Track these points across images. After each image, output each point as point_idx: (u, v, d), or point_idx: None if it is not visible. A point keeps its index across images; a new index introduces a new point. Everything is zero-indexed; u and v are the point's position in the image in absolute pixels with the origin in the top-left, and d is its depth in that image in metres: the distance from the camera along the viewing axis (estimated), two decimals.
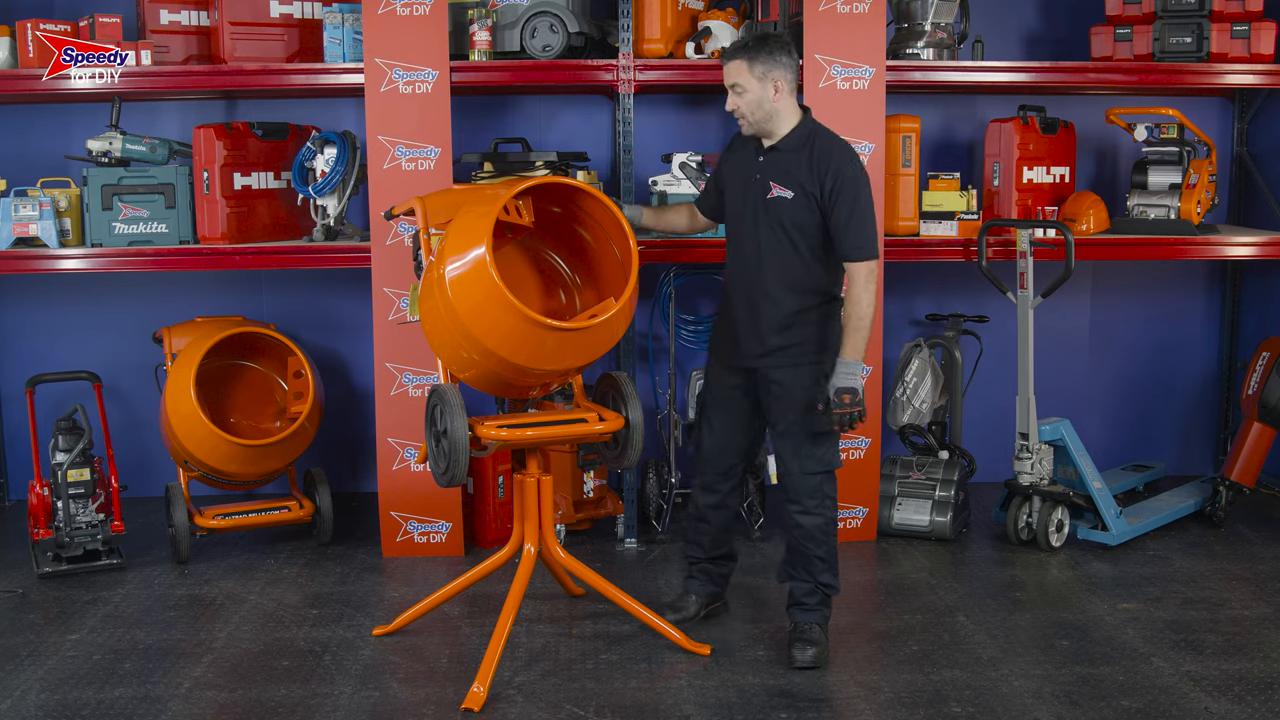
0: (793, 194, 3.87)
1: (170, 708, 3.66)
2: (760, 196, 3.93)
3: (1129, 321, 6.06)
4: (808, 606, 4.02)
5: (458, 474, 3.73)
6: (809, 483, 3.96)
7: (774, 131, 3.91)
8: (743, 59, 3.86)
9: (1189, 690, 3.73)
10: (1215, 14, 5.12)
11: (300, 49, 5.18)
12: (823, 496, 3.98)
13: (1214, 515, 5.36)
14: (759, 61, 3.84)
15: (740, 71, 3.86)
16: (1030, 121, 5.31)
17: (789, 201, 3.87)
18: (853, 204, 3.80)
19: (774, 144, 3.93)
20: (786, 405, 3.96)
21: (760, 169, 3.95)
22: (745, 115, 3.89)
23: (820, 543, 3.98)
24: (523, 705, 3.67)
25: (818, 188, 3.83)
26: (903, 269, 5.56)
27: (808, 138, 3.89)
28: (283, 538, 5.28)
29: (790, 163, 3.89)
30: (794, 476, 3.98)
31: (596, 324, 3.73)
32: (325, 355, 5.77)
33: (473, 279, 3.64)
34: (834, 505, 4.01)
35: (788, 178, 3.88)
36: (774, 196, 3.90)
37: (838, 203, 3.81)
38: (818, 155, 3.85)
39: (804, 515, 3.98)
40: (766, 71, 3.84)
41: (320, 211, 5.08)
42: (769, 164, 3.93)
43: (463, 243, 3.69)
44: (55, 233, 4.97)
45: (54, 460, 4.84)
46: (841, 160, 3.83)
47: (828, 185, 3.81)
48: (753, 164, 3.98)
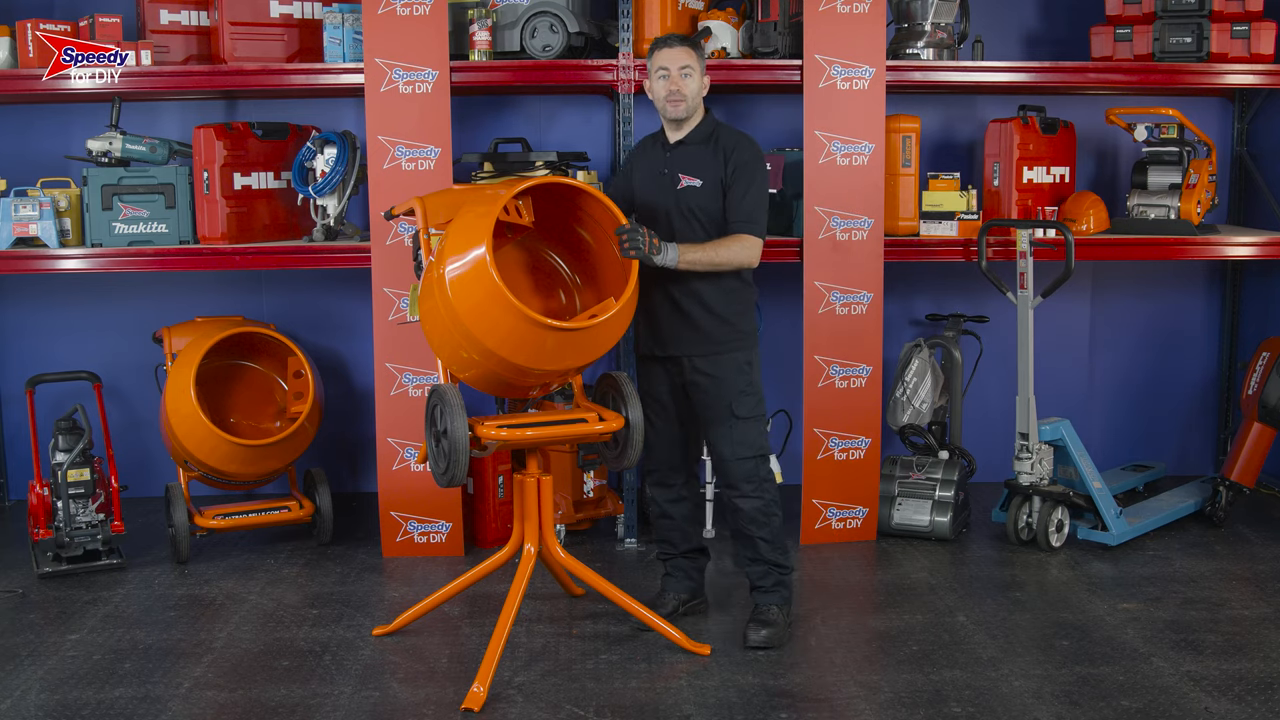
0: (701, 182, 4.07)
1: (170, 708, 3.66)
2: (670, 188, 4.10)
3: (1129, 321, 6.07)
4: (764, 588, 4.16)
5: (457, 474, 3.73)
6: (743, 468, 4.11)
7: (690, 122, 4.13)
8: (691, 48, 4.10)
9: (1189, 690, 3.73)
10: (1215, 14, 5.12)
11: (300, 49, 5.18)
12: (759, 480, 4.13)
13: (1214, 515, 5.36)
14: (701, 56, 4.13)
15: (691, 57, 4.08)
16: (1030, 121, 5.31)
17: (698, 190, 4.07)
18: (749, 184, 4.04)
19: (681, 138, 4.14)
20: (713, 393, 4.12)
21: (668, 163, 4.13)
22: (687, 98, 4.07)
23: (762, 525, 4.12)
24: (523, 705, 3.67)
25: (723, 170, 4.06)
26: (903, 269, 5.56)
27: (713, 132, 4.13)
28: (283, 538, 5.28)
29: (697, 154, 4.10)
30: (728, 463, 4.13)
31: (596, 324, 3.73)
32: (325, 355, 5.77)
33: (472, 279, 3.64)
34: (773, 487, 4.17)
35: (695, 167, 4.08)
36: (684, 187, 4.09)
37: (737, 182, 4.04)
38: (723, 144, 4.09)
39: (743, 499, 4.12)
40: (704, 66, 4.14)
41: (320, 211, 5.08)
42: (676, 158, 4.13)
43: (463, 243, 3.69)
44: (55, 233, 4.97)
45: (54, 460, 4.84)
46: (745, 148, 4.09)
47: (730, 166, 4.05)
48: (660, 160, 4.16)
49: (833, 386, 5.08)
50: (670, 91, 4.06)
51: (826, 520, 5.15)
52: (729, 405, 4.10)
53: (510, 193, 3.75)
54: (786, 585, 4.17)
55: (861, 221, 5.01)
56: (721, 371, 4.11)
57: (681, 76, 4.04)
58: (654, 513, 4.38)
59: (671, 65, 4.05)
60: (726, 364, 4.11)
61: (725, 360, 4.11)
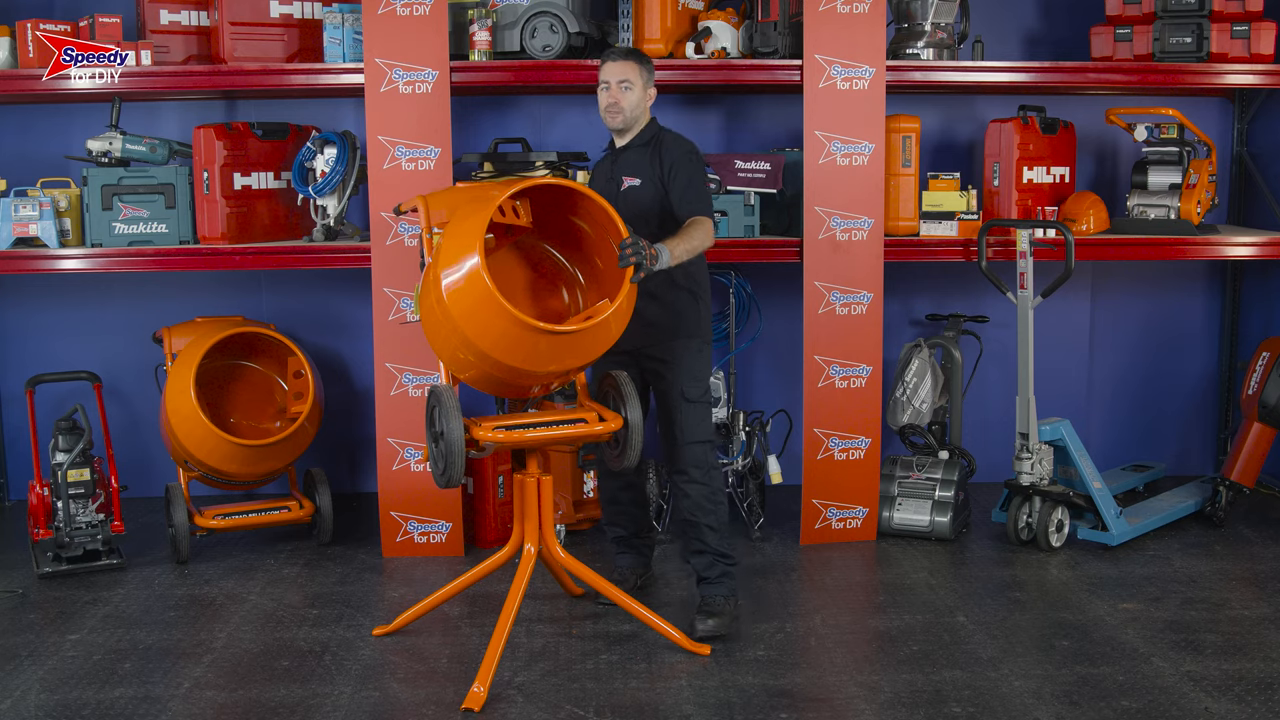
0: (640, 180, 4.25)
1: (170, 708, 3.66)
2: (616, 191, 4.29)
3: (1129, 321, 6.06)
4: (710, 580, 4.25)
5: (455, 475, 3.72)
6: (694, 452, 4.23)
7: (633, 129, 4.30)
8: (634, 62, 4.26)
9: (1189, 690, 3.73)
10: (1215, 14, 5.12)
11: (300, 49, 5.18)
12: (708, 466, 4.26)
13: (1214, 515, 5.36)
14: (646, 69, 4.29)
15: (631, 71, 4.24)
16: (1030, 121, 5.31)
17: (638, 188, 4.26)
18: (689, 177, 4.20)
19: (626, 144, 4.32)
20: (668, 380, 4.26)
21: (614, 169, 4.34)
22: (624, 110, 4.24)
23: (709, 511, 4.23)
24: (523, 705, 3.67)
25: (660, 169, 4.23)
26: (903, 269, 5.56)
27: (654, 137, 4.30)
28: (283, 538, 5.28)
29: (638, 156, 4.28)
30: (680, 447, 4.25)
31: (591, 325, 3.71)
32: (325, 355, 5.77)
33: (466, 282, 3.63)
34: (719, 475, 4.31)
35: (636, 169, 4.27)
36: (626, 188, 4.28)
37: (676, 176, 4.20)
38: (663, 147, 4.26)
39: (691, 485, 4.24)
40: (650, 79, 4.31)
41: (320, 211, 5.08)
42: (621, 162, 4.33)
43: (457, 246, 3.68)
44: (55, 233, 4.97)
45: (54, 460, 4.84)
46: (680, 147, 4.27)
47: (667, 164, 4.22)
48: (609, 165, 4.39)
49: (833, 386, 5.08)
50: (608, 104, 4.25)
51: (826, 520, 5.15)
52: (680, 389, 4.24)
53: (503, 194, 3.75)
54: (731, 576, 4.27)
55: (861, 221, 5.01)
56: (674, 356, 4.26)
57: (621, 90, 4.23)
58: (603, 498, 4.59)
59: (611, 79, 4.24)
60: (679, 349, 4.26)
61: (678, 344, 4.26)
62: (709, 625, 4.11)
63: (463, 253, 3.64)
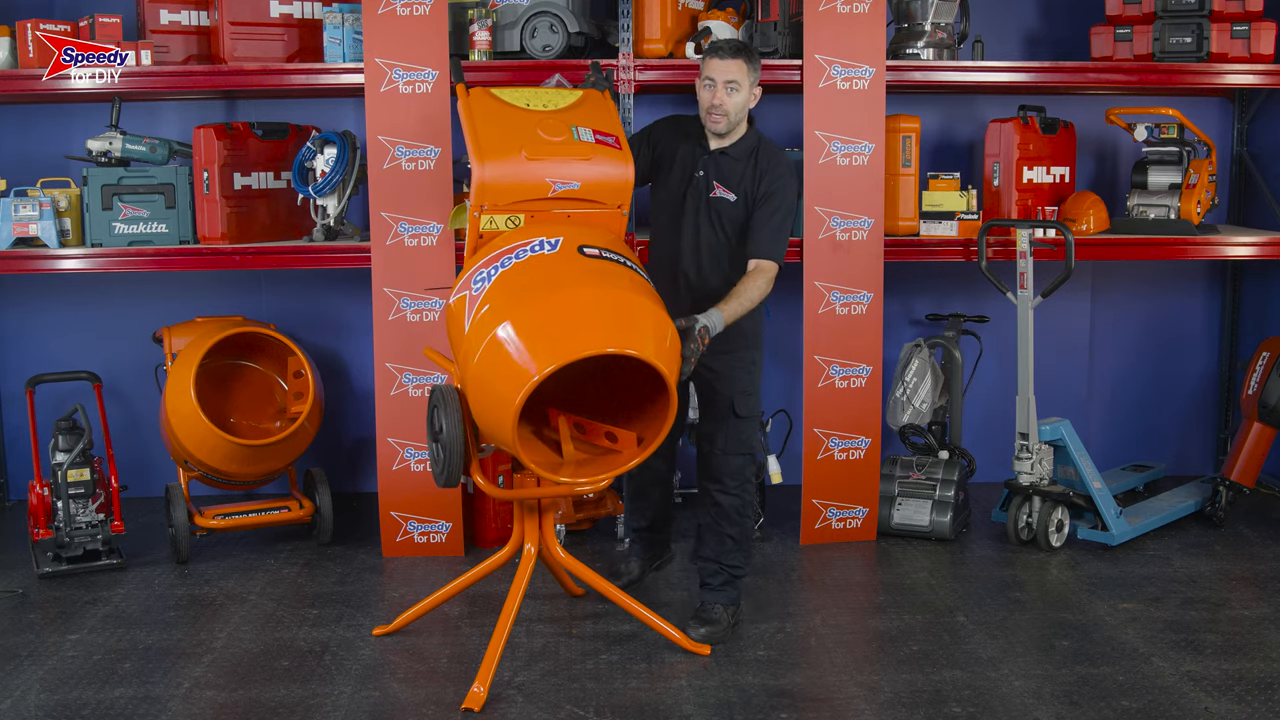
0: (735, 197, 4.06)
1: (170, 708, 3.66)
2: (703, 193, 4.10)
3: (1129, 321, 6.06)
4: (713, 586, 4.21)
5: (454, 474, 3.73)
6: (732, 463, 4.16)
7: (733, 134, 4.08)
8: (744, 60, 4.01)
9: (1189, 690, 3.73)
10: (1215, 14, 5.12)
11: (300, 49, 5.18)
12: (743, 479, 4.19)
13: (1214, 515, 5.35)
14: (754, 68, 4.04)
15: (740, 70, 4.00)
16: (1030, 121, 5.31)
17: (730, 204, 4.07)
18: (776, 210, 4.01)
19: (723, 148, 4.10)
20: (719, 393, 4.15)
21: (705, 167, 4.11)
22: (729, 113, 4.02)
23: (735, 523, 4.18)
24: (523, 705, 3.67)
25: (755, 188, 4.04)
26: (903, 269, 5.56)
27: (754, 148, 4.09)
28: (283, 538, 5.28)
29: (736, 168, 4.07)
30: (718, 456, 4.17)
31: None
32: (325, 355, 5.77)
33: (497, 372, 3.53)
34: (751, 489, 4.25)
35: (731, 180, 4.07)
36: (717, 196, 4.08)
37: (765, 204, 4.02)
38: (761, 163, 4.05)
39: (723, 495, 4.17)
40: (756, 79, 4.05)
41: (320, 211, 5.08)
42: (715, 165, 4.10)
43: (501, 374, 3.52)
44: (55, 233, 4.97)
45: (54, 460, 4.84)
46: (782, 171, 4.05)
47: (763, 190, 4.02)
48: (697, 159, 4.13)
49: (833, 386, 5.07)
50: (712, 105, 4.01)
51: (826, 520, 5.15)
52: (730, 403, 4.15)
53: (524, 391, 3.41)
54: (735, 586, 4.22)
55: (861, 221, 5.01)
56: (727, 369, 4.14)
57: (726, 91, 3.98)
58: (630, 492, 4.58)
59: (718, 77, 3.99)
60: (733, 362, 4.14)
61: (732, 359, 4.13)
62: (701, 632, 4.08)
63: (505, 384, 3.48)
